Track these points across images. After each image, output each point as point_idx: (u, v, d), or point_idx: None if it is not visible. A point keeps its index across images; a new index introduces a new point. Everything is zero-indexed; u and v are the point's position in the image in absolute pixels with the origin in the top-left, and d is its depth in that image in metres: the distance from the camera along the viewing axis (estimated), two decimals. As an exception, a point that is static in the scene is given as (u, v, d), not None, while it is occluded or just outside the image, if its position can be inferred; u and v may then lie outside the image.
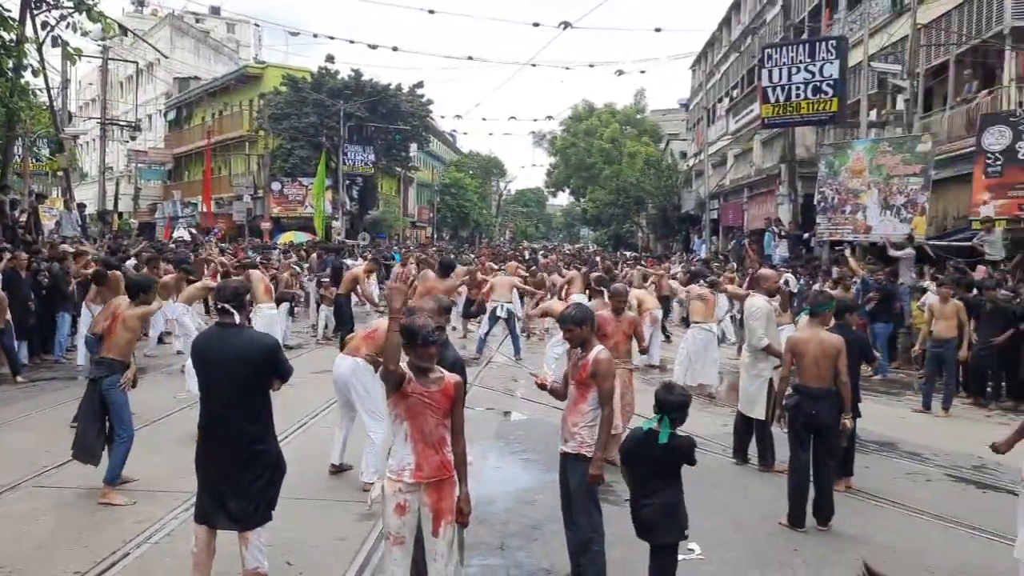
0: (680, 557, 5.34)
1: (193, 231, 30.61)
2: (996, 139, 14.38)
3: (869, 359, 8.33)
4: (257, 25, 62.06)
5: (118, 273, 11.13)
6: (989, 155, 14.46)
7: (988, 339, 10.63)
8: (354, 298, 13.67)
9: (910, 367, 13.19)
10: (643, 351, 7.94)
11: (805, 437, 6.19)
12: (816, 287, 13.83)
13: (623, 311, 7.47)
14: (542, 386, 5.21)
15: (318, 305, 15.88)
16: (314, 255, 20.63)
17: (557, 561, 5.19)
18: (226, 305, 4.52)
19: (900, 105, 19.72)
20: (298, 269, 17.46)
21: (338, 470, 7.00)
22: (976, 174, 14.85)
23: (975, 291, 11.61)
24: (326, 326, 15.36)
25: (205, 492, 4.44)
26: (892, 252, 15.47)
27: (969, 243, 14.60)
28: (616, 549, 5.14)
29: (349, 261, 20.20)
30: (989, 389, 11.12)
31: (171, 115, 53.90)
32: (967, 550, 5.76)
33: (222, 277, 11.80)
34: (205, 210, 42.23)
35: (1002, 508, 6.16)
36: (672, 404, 4.34)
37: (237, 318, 4.51)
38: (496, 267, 19.54)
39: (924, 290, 12.97)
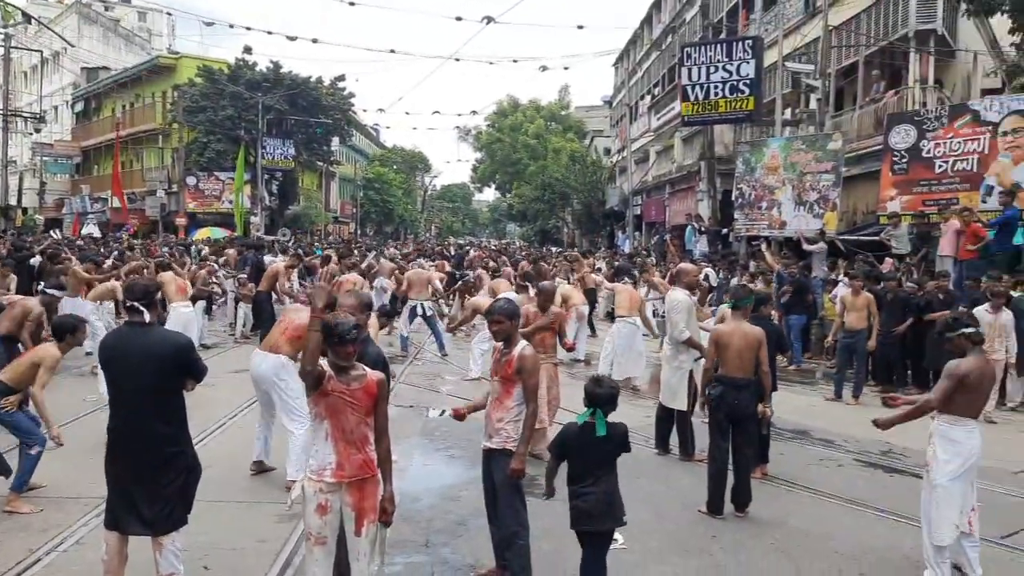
0: (603, 547, 5.45)
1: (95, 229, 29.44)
2: (902, 138, 15.01)
3: (783, 349, 8.65)
4: (170, 14, 59.86)
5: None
6: (895, 153, 15.09)
7: (891, 329, 11.11)
8: (274, 295, 13.38)
9: (822, 357, 13.68)
10: (568, 349, 8.03)
11: (726, 426, 6.38)
12: (734, 281, 14.22)
13: (548, 308, 7.51)
14: (459, 417, 5.21)
15: (236, 303, 15.47)
16: (231, 251, 20.10)
17: (482, 556, 5.19)
18: (136, 304, 4.34)
19: (813, 104, 20.43)
20: (216, 266, 16.99)
21: (259, 470, 6.85)
22: (883, 171, 15.48)
23: (880, 283, 12.10)
24: (244, 324, 14.99)
25: (116, 497, 4.27)
26: (806, 246, 16.00)
27: (877, 237, 15.20)
28: (543, 542, 5.18)
29: (269, 258, 19.75)
30: (895, 377, 11.60)
31: (79, 107, 51.76)
32: (874, 532, 6.00)
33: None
34: (117, 205, 40.73)
35: (907, 491, 6.46)
36: (603, 397, 4.40)
37: (147, 316, 4.34)
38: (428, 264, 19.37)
39: (836, 283, 13.46)
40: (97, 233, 29.27)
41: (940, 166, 14.35)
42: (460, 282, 17.78)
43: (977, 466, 5.11)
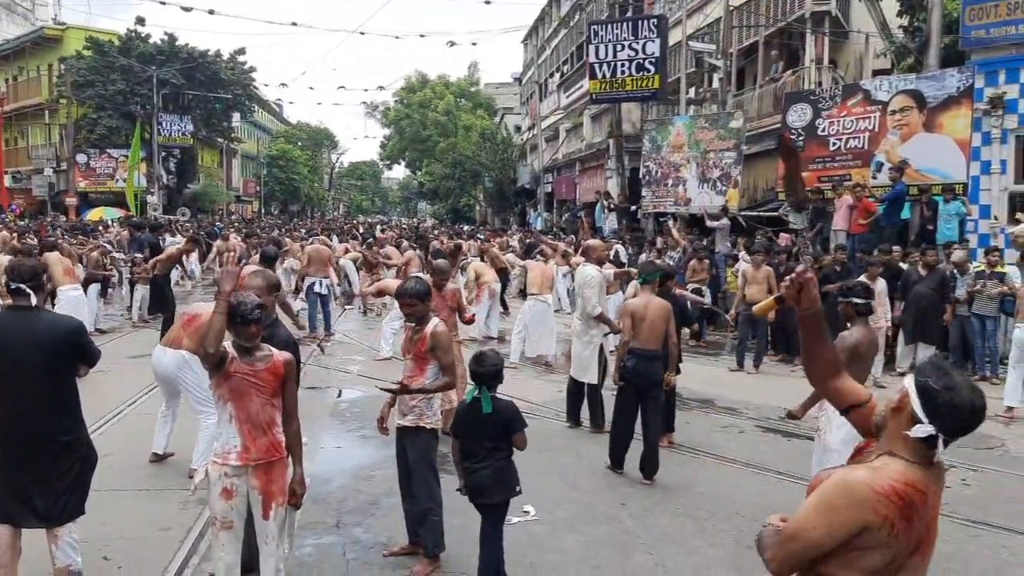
0: (515, 519, 5.52)
1: None
2: (799, 116, 15.58)
3: (688, 323, 8.92)
4: (56, -18, 56.46)
5: None
6: (793, 131, 15.64)
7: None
8: (174, 277, 12.91)
9: (725, 330, 14.13)
10: (466, 322, 8.09)
11: (634, 396, 6.63)
12: (643, 257, 14.52)
13: (444, 286, 7.45)
14: (383, 425, 5.12)
15: (132, 286, 14.84)
16: (124, 232, 19.25)
17: (395, 534, 5.18)
18: (22, 286, 4.11)
19: (715, 84, 20.95)
20: (109, 247, 16.22)
21: (160, 458, 6.63)
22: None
23: (778, 256, 12.59)
24: (141, 307, 14.39)
25: (6, 489, 4.05)
26: (709, 223, 16.46)
27: (776, 213, 15.78)
28: (456, 517, 5.19)
29: (169, 238, 19.04)
30: (793, 346, 12.07)
31: (-44, 80, 48.38)
32: (773, 493, 6.27)
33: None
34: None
35: (804, 454, 6.74)
36: (485, 374, 4.42)
37: (34, 300, 4.12)
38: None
39: (737, 258, 13.90)
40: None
41: (834, 143, 14.96)
42: (366, 247, 17.63)
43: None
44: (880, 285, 10.17)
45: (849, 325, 5.40)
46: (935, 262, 10.86)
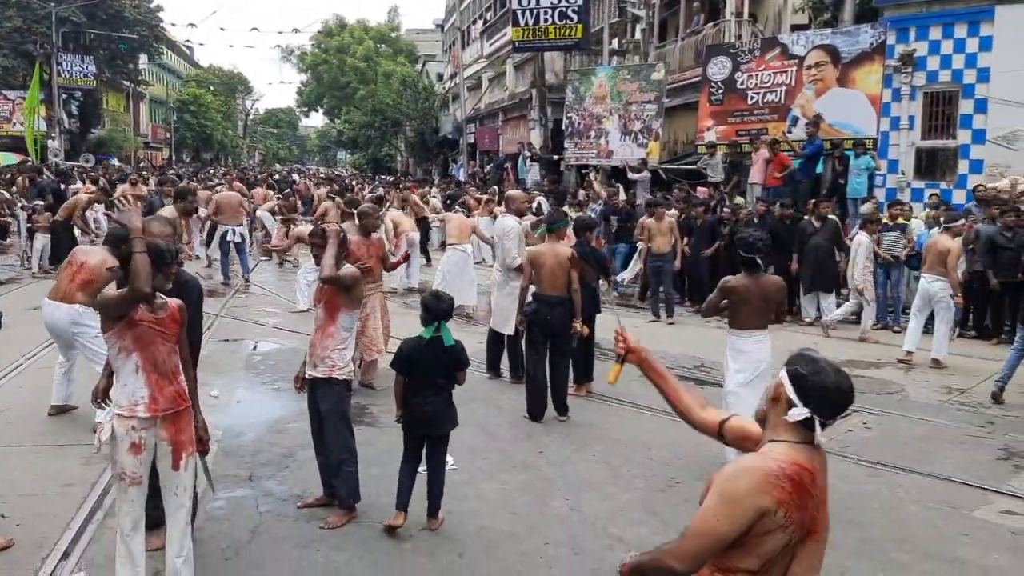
0: (432, 469, 5.51)
1: None
2: (719, 69, 15.71)
3: (606, 274, 9.00)
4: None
5: None
6: (713, 84, 15.79)
7: (700, 252, 11.83)
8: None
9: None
10: (388, 269, 8.01)
11: (541, 340, 6.76)
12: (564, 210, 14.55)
13: (371, 233, 7.31)
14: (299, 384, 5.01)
15: (31, 234, 14.09)
16: (20, 178, 18.19)
17: (310, 486, 5.11)
18: None
19: (638, 35, 20.93)
20: (8, 195, 15.32)
21: (61, 411, 6.35)
22: (702, 102, 16.20)
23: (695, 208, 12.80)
24: (42, 257, 13.70)
25: None
26: (631, 175, 16.57)
27: (695, 166, 15.99)
28: (372, 467, 5.17)
29: (77, 186, 18.06)
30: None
31: None
32: (685, 439, 6.38)
33: None
34: None
35: (715, 401, 6.91)
36: (444, 310, 4.58)
37: None
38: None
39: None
40: None
41: (752, 97, 15.18)
42: (282, 198, 17.21)
43: (769, 373, 5.55)
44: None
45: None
46: (828, 214, 11.20)
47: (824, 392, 2.17)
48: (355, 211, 8.10)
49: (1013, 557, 4.53)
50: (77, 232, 13.46)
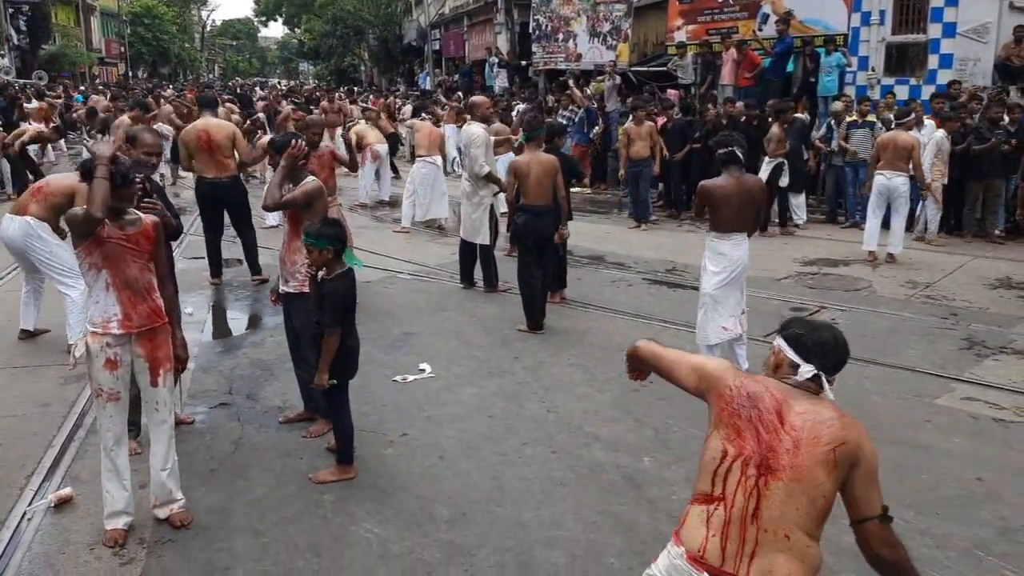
0: (411, 377, 5.62)
1: None
2: (689, -34, 15.29)
3: (578, 177, 8.97)
4: None
5: None
6: (682, -19, 15.39)
7: (673, 156, 11.76)
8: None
9: (616, 188, 14.30)
10: (351, 169, 7.98)
11: (535, 251, 6.71)
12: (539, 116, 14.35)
13: (318, 144, 7.13)
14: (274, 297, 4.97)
15: None
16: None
17: (289, 398, 5.18)
18: None
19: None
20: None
21: (30, 335, 6.32)
22: (671, 1, 15.81)
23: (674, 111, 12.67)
24: (2, 182, 13.35)
25: None
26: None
27: (665, 68, 15.74)
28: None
29: (28, 105, 17.44)
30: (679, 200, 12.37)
31: None
32: (659, 340, 6.53)
33: None
34: None
35: (687, 303, 7.07)
36: (344, 234, 4.23)
37: None
38: None
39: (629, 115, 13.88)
40: None
41: (722, -5, 14.84)
42: (249, 123, 16.73)
43: (745, 275, 5.64)
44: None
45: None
46: (791, 111, 11.11)
47: (823, 347, 2.28)
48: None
49: (974, 441, 4.73)
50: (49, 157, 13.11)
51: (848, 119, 10.96)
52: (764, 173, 10.32)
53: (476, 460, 4.45)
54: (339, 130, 12.79)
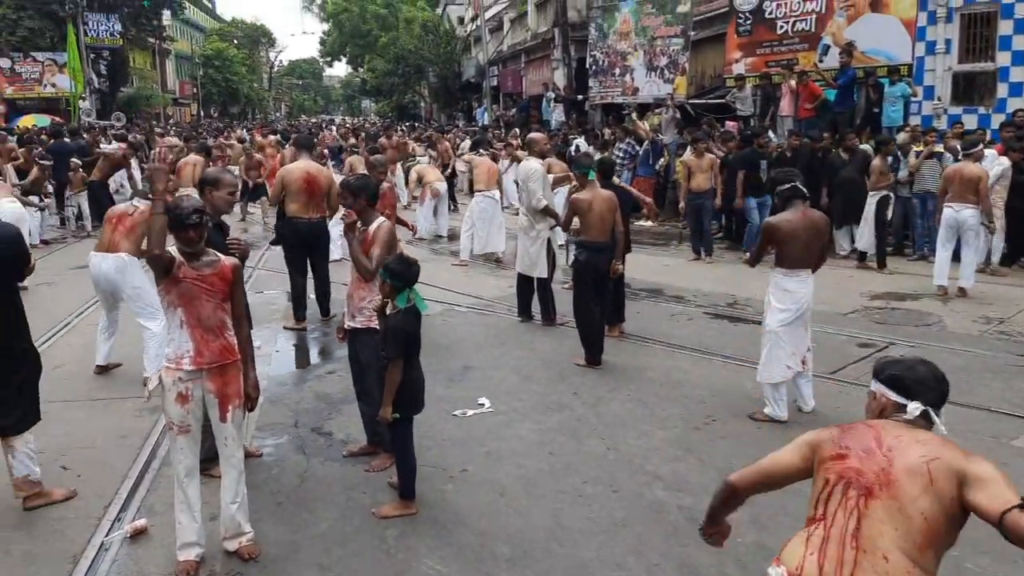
0: (470, 412, 5.66)
1: None
2: (746, -1, 15.30)
3: (637, 210, 8.99)
4: None
5: None
6: (740, 15, 15.39)
7: (732, 187, 11.64)
8: (112, 186, 12.53)
9: (676, 220, 14.23)
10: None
11: (593, 288, 6.74)
12: (591, 150, 14.43)
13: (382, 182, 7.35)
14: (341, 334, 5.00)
15: (60, 195, 14.34)
16: (41, 137, 18.43)
17: (353, 432, 5.27)
18: None
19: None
20: (45, 163, 15.49)
21: (104, 370, 6.57)
22: (730, 33, 15.81)
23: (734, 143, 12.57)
24: (81, 218, 13.95)
25: None
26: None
27: (723, 100, 15.70)
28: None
29: (105, 146, 18.25)
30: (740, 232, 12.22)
31: None
32: (720, 376, 6.48)
33: None
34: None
35: (749, 338, 6.97)
36: (416, 274, 4.23)
37: None
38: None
39: (687, 146, 13.86)
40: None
41: (781, 27, 14.78)
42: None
43: (810, 311, 5.57)
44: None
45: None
46: (855, 146, 10.97)
47: (924, 383, 2.31)
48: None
49: (1050, 483, 4.54)
50: (113, 190, 13.66)
51: (915, 149, 10.75)
52: (870, 207, 10.21)
53: (536, 497, 4.45)
54: (399, 165, 13.10)
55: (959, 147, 9.40)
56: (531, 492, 4.51)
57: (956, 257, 8.91)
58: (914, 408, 2.26)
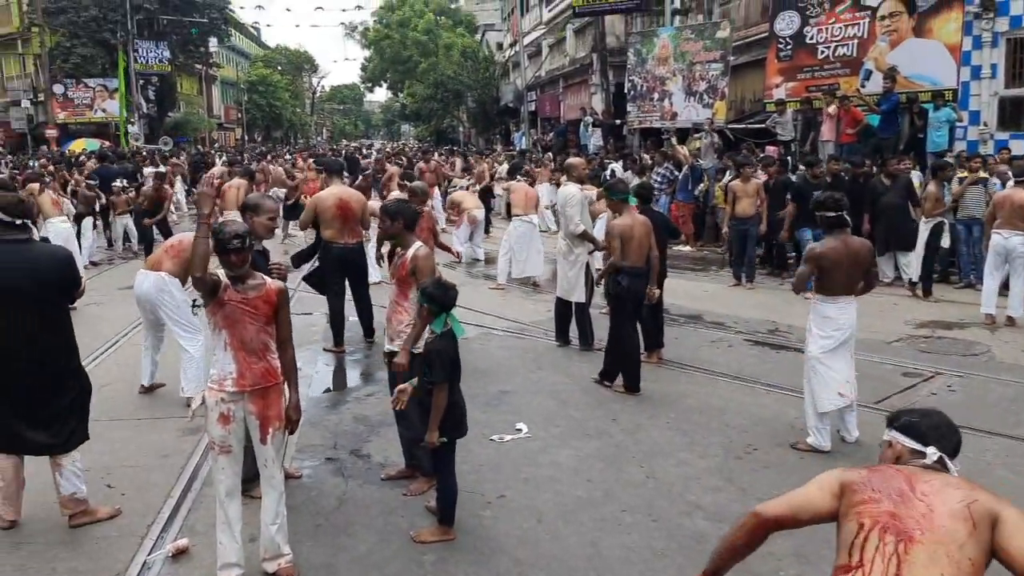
0: (508, 437, 5.64)
1: None
2: (787, 24, 15.25)
3: (675, 235, 8.94)
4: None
5: None
6: (780, 40, 15.35)
7: (774, 214, 11.53)
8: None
9: (715, 245, 14.14)
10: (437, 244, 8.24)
11: (633, 313, 6.74)
12: (627, 175, 14.44)
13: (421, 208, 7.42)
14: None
15: (104, 217, 14.74)
16: (90, 163, 18.95)
17: (391, 454, 5.28)
18: (22, 220, 4.20)
19: (701, -8, 20.42)
20: (93, 181, 15.93)
21: (148, 390, 6.68)
22: (770, 58, 15.77)
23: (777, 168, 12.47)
24: (129, 239, 14.30)
25: (7, 419, 4.17)
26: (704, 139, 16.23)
27: (763, 125, 15.62)
28: (448, 437, 5.29)
29: (150, 170, 18.72)
30: (780, 259, 12.09)
31: (-82, 8, 46.67)
32: (762, 405, 6.39)
33: None
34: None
35: (791, 366, 6.88)
36: (454, 299, 4.23)
37: (36, 233, 4.27)
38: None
39: (726, 171, 13.79)
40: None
41: (822, 52, 14.71)
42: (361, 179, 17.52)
43: (853, 339, 5.48)
44: None
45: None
46: (897, 171, 10.81)
47: (939, 431, 2.33)
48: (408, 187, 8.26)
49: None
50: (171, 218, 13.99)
51: (959, 175, 10.57)
52: (922, 234, 10.07)
53: (574, 525, 4.42)
54: (436, 190, 13.24)
55: (1010, 172, 9.21)
56: (569, 519, 4.48)
57: (1005, 285, 8.72)
58: (932, 453, 2.27)
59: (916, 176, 11.36)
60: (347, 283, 8.08)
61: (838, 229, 5.33)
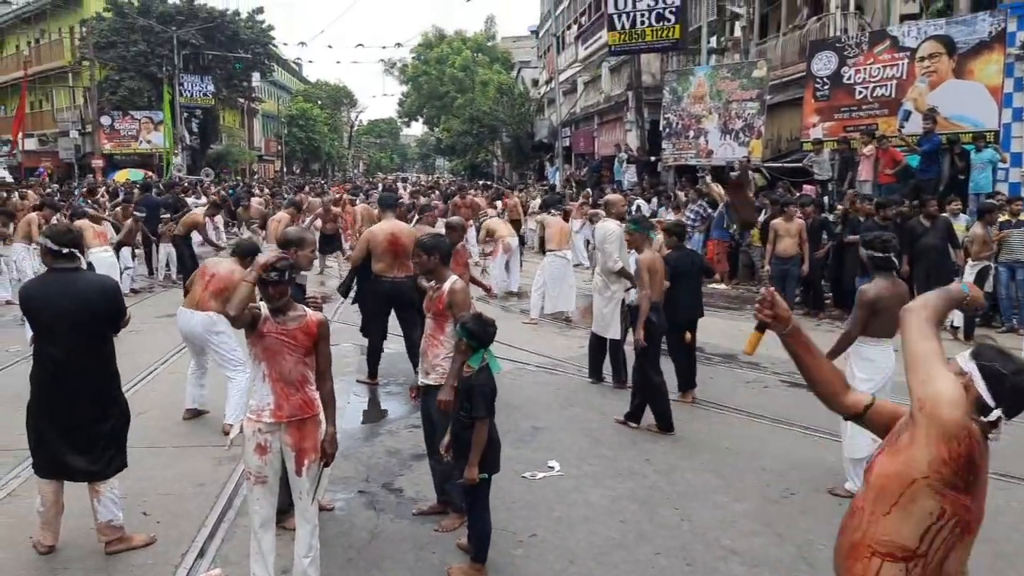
0: (540, 474, 5.61)
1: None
2: (824, 64, 15.24)
3: (709, 274, 8.90)
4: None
5: None
6: (817, 80, 15.33)
7: (811, 253, 11.43)
8: (196, 238, 13.10)
9: (750, 283, 14.03)
10: (487, 290, 8.26)
11: (659, 347, 6.73)
12: (660, 211, 14.45)
13: (459, 243, 7.51)
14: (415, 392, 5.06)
15: (154, 246, 15.04)
16: (135, 191, 19.44)
17: (423, 489, 5.27)
18: (71, 249, 4.31)
19: (738, 32, 20.50)
20: (138, 214, 16.29)
21: (194, 415, 6.77)
22: (806, 98, 15.74)
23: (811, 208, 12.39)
24: (168, 267, 14.58)
25: (50, 445, 4.26)
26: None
27: (800, 164, 15.55)
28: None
29: (192, 200, 19.13)
30: (817, 299, 11.96)
31: (-23, 43, 48.53)
32: (800, 448, 6.29)
33: None
34: (30, 147, 38.66)
35: (827, 408, 6.75)
36: (493, 334, 4.30)
37: (84, 262, 4.38)
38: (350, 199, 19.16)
39: (762, 210, 13.72)
40: (9, 177, 27.79)
41: (860, 92, 14.66)
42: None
43: (893, 382, 5.37)
44: None
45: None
46: (937, 213, 10.68)
47: (1020, 395, 2.04)
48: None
49: None
50: (196, 244, 14.23)
51: (1001, 219, 10.42)
52: (967, 277, 9.93)
53: (608, 567, 4.36)
54: (471, 223, 13.34)
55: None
56: (602, 561, 4.43)
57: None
58: (996, 415, 2.04)
59: (964, 219, 11.20)
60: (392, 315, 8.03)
61: (887, 272, 5.27)
